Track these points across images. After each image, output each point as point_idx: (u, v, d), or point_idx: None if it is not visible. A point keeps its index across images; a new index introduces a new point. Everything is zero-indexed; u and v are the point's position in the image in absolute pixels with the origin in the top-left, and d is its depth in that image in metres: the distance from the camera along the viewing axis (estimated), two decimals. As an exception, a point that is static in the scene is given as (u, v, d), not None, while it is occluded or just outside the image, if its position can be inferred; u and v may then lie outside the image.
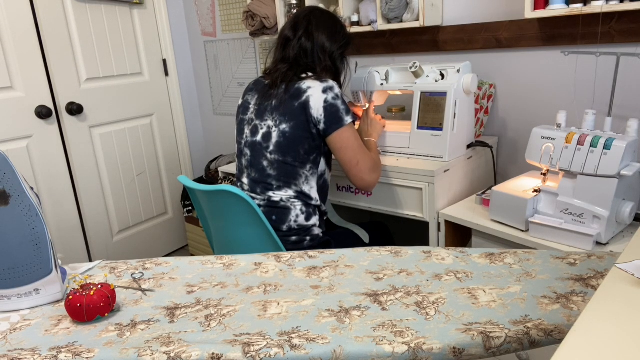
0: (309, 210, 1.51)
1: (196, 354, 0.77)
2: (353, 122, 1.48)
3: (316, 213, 1.54)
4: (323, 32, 1.56)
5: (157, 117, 2.75)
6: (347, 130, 1.46)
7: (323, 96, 1.44)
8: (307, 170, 1.49)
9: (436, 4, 1.85)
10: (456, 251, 1.11)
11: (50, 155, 2.27)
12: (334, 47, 1.58)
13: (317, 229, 1.54)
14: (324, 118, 1.43)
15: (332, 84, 1.47)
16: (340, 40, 1.60)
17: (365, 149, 1.50)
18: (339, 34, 1.60)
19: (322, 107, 1.43)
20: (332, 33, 1.57)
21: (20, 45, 2.11)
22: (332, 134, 1.45)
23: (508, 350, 0.78)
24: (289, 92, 1.47)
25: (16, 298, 0.97)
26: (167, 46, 2.75)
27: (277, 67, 1.54)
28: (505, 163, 1.90)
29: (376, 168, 1.52)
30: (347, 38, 1.62)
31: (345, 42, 1.62)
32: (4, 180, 0.94)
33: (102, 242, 2.54)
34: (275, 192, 1.49)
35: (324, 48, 1.56)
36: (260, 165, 1.51)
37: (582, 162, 1.26)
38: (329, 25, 1.58)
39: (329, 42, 1.56)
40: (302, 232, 1.51)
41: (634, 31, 1.48)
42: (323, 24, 1.57)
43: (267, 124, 1.49)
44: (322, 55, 1.55)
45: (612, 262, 0.99)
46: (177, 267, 1.14)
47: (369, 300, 0.93)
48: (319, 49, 1.55)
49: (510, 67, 1.80)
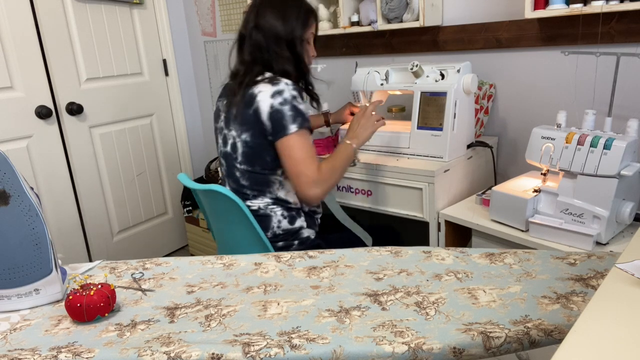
0: (291, 213, 1.45)
1: (196, 354, 0.77)
2: (306, 128, 1.36)
3: (301, 215, 1.47)
4: (272, 18, 1.39)
5: (157, 117, 2.75)
6: (291, 138, 1.33)
7: (270, 102, 1.33)
8: (278, 175, 1.42)
9: (436, 4, 1.85)
10: (456, 251, 1.11)
11: (50, 155, 2.27)
12: (288, 30, 1.40)
13: (306, 231, 1.48)
14: (270, 125, 1.34)
15: (283, 86, 1.34)
16: (294, 19, 1.41)
17: (310, 160, 1.35)
18: (292, 12, 1.41)
19: (268, 113, 1.33)
20: (283, 15, 1.40)
21: (20, 45, 2.11)
22: (276, 141, 1.35)
23: (508, 350, 0.78)
24: (244, 99, 1.37)
25: (16, 298, 0.97)
26: (167, 46, 2.75)
27: (237, 71, 1.45)
28: (505, 163, 1.90)
29: (321, 182, 1.36)
30: (304, 12, 1.42)
31: (303, 19, 1.42)
32: (4, 180, 0.94)
33: (102, 242, 2.54)
34: (252, 201, 1.44)
35: (277, 36, 1.39)
36: (234, 176, 1.46)
37: (582, 162, 1.26)
38: (277, 6, 1.40)
39: (282, 27, 1.39)
40: (290, 236, 1.46)
41: (634, 31, 1.48)
42: (270, 7, 1.40)
43: (232, 134, 1.43)
44: (276, 47, 1.40)
45: (612, 262, 0.99)
46: (177, 267, 1.14)
47: (369, 300, 0.93)
48: (272, 40, 1.39)
49: (510, 67, 1.80)
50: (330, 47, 2.29)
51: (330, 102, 2.20)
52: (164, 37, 2.73)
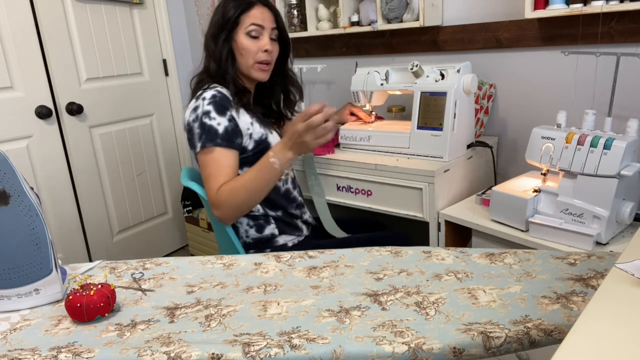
0: (257, 222, 1.40)
1: (196, 354, 0.77)
2: (214, 145, 1.27)
3: (270, 222, 1.41)
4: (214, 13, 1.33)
5: (157, 117, 2.75)
6: (199, 156, 1.30)
7: (187, 118, 1.32)
8: None
9: (436, 4, 1.85)
10: (456, 251, 1.11)
11: (50, 155, 2.27)
12: (210, 30, 1.33)
13: (281, 238, 1.42)
14: (187, 141, 1.33)
15: (199, 101, 1.29)
16: (215, 17, 1.34)
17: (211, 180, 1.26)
18: (217, 11, 1.34)
19: (184, 129, 1.33)
20: (212, 16, 1.34)
21: (20, 45, 2.11)
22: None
23: (508, 350, 0.78)
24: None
25: (16, 298, 0.97)
26: (167, 46, 2.75)
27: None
28: (505, 163, 1.90)
29: (218, 205, 1.26)
30: (223, 8, 1.34)
31: (219, 15, 1.33)
32: (4, 180, 0.94)
33: (102, 242, 2.54)
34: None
35: (206, 39, 1.34)
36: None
37: (582, 162, 1.26)
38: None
39: (208, 28, 1.34)
40: (262, 244, 1.42)
41: (634, 31, 1.48)
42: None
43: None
44: (207, 51, 1.35)
45: (612, 262, 0.99)
46: (177, 267, 1.14)
47: (369, 300, 0.93)
48: (205, 45, 1.36)
49: (510, 67, 1.80)
50: (330, 47, 2.29)
51: (331, 102, 2.20)
52: (164, 37, 2.73)
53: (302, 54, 2.41)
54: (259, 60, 1.36)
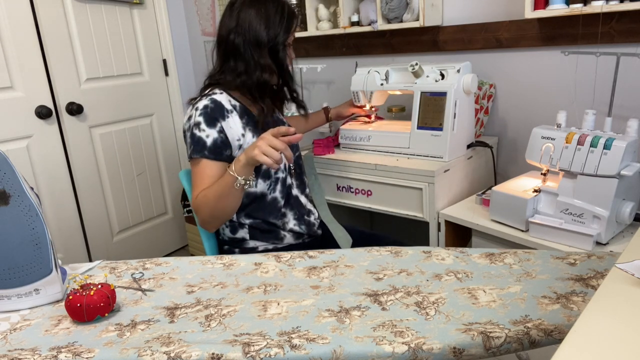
0: (232, 223, 1.43)
1: (196, 354, 0.77)
2: (201, 157, 1.30)
3: (244, 227, 1.42)
4: (254, 21, 1.34)
5: (157, 117, 2.75)
6: (190, 164, 1.35)
7: (183, 124, 1.37)
8: None
9: (436, 4, 1.85)
10: (456, 251, 1.11)
11: (50, 155, 2.27)
12: (272, 35, 1.34)
13: (252, 242, 1.43)
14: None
15: (192, 111, 1.33)
16: (278, 24, 1.35)
17: (195, 188, 1.31)
18: (276, 16, 1.35)
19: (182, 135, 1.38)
20: (267, 18, 1.34)
21: (20, 45, 2.11)
22: None
23: (508, 350, 0.78)
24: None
25: (16, 298, 0.97)
26: (167, 46, 2.75)
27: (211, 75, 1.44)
28: (505, 163, 1.90)
29: (196, 210, 1.30)
30: (288, 16, 1.35)
31: (286, 24, 1.35)
32: (4, 180, 0.94)
33: (102, 242, 2.54)
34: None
35: (259, 41, 1.33)
36: None
37: (582, 162, 1.26)
38: (259, 8, 1.34)
39: (265, 32, 1.33)
40: (234, 244, 1.45)
41: (634, 31, 1.48)
42: (252, 9, 1.34)
43: None
44: (256, 53, 1.34)
45: (612, 262, 0.99)
46: (177, 267, 1.14)
47: (369, 300, 0.93)
48: (253, 45, 1.33)
49: (510, 67, 1.80)
50: (330, 47, 2.29)
51: (330, 102, 2.20)
52: (164, 37, 2.73)
53: (302, 54, 2.41)
54: (292, 67, 1.43)
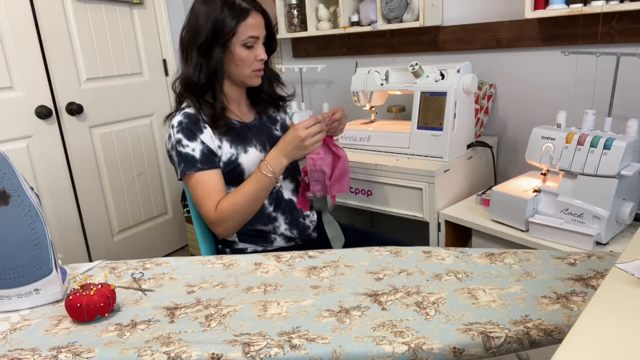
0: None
1: (196, 354, 0.77)
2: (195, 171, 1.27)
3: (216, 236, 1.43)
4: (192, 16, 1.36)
5: (157, 117, 2.75)
6: (185, 183, 1.32)
7: (166, 145, 1.34)
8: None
9: (436, 4, 1.85)
10: (456, 251, 1.11)
11: (50, 155, 2.27)
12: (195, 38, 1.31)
13: (241, 244, 1.41)
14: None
15: (170, 130, 1.30)
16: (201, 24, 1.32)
17: (205, 202, 1.28)
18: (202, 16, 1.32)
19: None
20: (191, 20, 1.35)
21: (20, 45, 2.11)
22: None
23: (508, 350, 0.78)
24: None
25: (16, 298, 0.97)
26: (167, 46, 2.75)
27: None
28: (505, 163, 1.91)
29: (220, 221, 1.28)
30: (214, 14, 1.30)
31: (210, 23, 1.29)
32: (4, 180, 0.94)
33: (102, 242, 2.54)
34: None
35: (186, 46, 1.33)
36: None
37: (582, 162, 1.26)
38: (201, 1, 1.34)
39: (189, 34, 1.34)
40: (226, 244, 1.43)
41: (634, 31, 1.48)
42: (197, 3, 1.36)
43: None
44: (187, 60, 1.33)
45: (612, 262, 0.99)
46: (177, 267, 1.14)
47: (369, 300, 0.93)
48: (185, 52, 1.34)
49: (510, 67, 1.80)
50: (330, 47, 2.29)
51: (331, 102, 2.21)
52: (164, 37, 2.73)
53: (302, 54, 2.41)
54: (255, 69, 1.34)
